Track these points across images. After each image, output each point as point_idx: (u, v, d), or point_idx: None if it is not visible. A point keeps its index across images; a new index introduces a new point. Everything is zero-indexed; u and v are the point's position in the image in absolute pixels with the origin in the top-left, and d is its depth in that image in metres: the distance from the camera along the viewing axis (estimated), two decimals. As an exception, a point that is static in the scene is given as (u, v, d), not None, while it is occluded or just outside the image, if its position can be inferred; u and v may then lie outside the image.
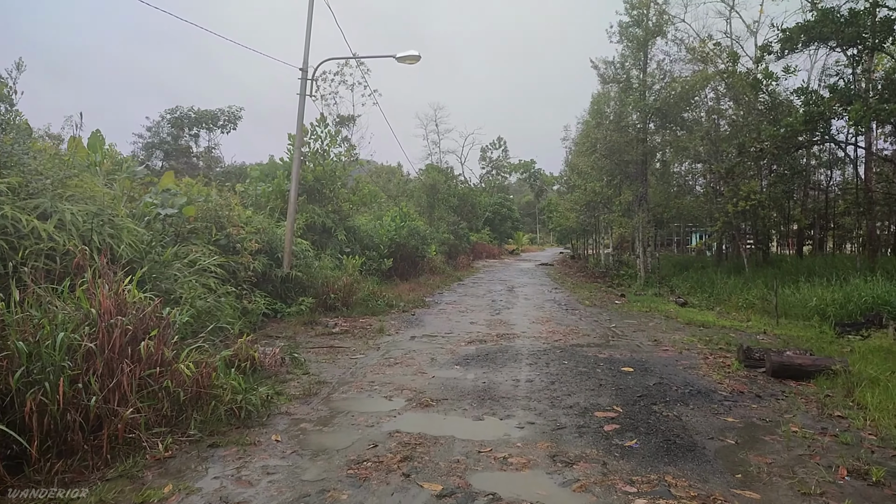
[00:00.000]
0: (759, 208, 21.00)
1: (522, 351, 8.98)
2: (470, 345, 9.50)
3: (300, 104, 12.73)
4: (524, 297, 18.01)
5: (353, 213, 19.75)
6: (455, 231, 36.54)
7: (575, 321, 12.70)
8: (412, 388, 6.52)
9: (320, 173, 17.62)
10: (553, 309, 14.93)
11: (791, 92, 20.46)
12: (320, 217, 17.13)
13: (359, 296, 13.93)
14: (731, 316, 14.62)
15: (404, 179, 38.28)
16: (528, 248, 69.40)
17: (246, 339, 7.45)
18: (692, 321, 12.85)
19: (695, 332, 11.40)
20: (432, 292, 18.68)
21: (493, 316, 13.23)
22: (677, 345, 9.77)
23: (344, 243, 17.83)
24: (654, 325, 12.38)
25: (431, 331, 11.00)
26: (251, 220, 13.26)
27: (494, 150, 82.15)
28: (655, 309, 15.27)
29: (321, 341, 9.74)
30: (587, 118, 31.89)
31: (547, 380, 7.02)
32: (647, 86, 23.19)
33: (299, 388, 6.48)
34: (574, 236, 42.96)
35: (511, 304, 15.67)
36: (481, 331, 11.02)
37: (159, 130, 36.39)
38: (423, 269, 23.46)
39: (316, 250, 16.36)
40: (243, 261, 11.67)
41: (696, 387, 6.84)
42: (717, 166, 21.73)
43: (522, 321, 12.46)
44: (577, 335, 10.74)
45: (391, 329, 11.09)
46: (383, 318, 12.60)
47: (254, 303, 10.97)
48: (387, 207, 24.83)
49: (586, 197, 26.48)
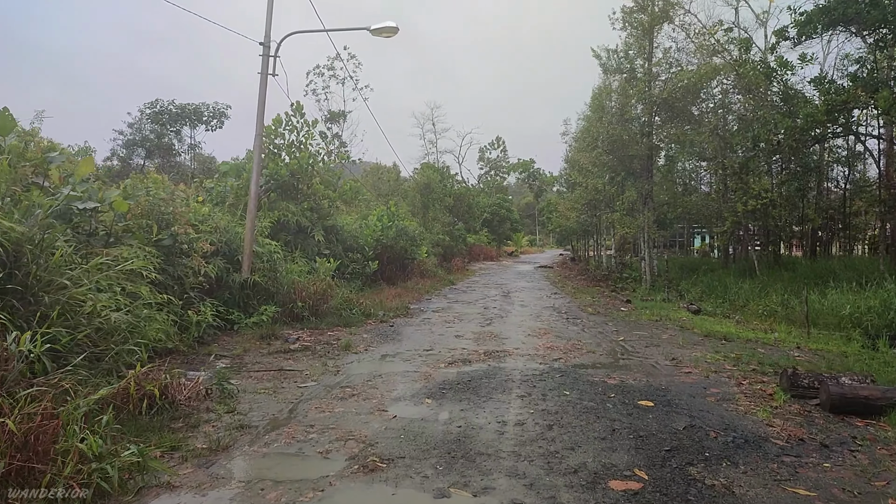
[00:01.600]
0: (770, 207, 19.50)
1: (514, 375, 7.32)
2: (450, 367, 7.84)
3: (261, 84, 11.09)
4: (520, 303, 16.35)
5: (335, 212, 18.11)
6: (450, 232, 34.90)
7: (577, 333, 11.05)
8: (361, 438, 4.86)
9: (295, 167, 15.98)
10: (552, 318, 13.28)
11: (808, 81, 18.91)
12: (294, 215, 15.48)
13: (331, 304, 12.28)
14: (752, 325, 12.98)
15: (395, 177, 36.57)
16: (527, 249, 67.79)
17: (155, 366, 5.82)
18: (711, 333, 11.20)
19: (717, 346, 9.76)
20: (420, 298, 17.03)
21: (484, 327, 11.57)
22: (701, 365, 8.13)
23: (322, 245, 16.19)
24: (669, 337, 10.73)
25: (408, 347, 9.33)
26: (208, 217, 11.63)
27: (493, 150, 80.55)
28: (667, 317, 13.63)
29: (271, 361, 8.08)
30: (588, 113, 30.34)
31: (543, 422, 5.36)
32: (653, 76, 21.54)
33: (210, 436, 4.82)
34: (574, 237, 41.33)
35: (505, 313, 14.01)
36: (467, 347, 9.35)
37: (141, 127, 34.61)
38: (412, 272, 21.81)
39: (288, 252, 14.75)
40: (193, 264, 10.04)
41: (741, 431, 5.18)
42: (730, 161, 20.09)
43: (517, 334, 10.80)
44: (580, 352, 9.08)
45: (360, 345, 9.41)
46: (355, 330, 10.95)
47: (201, 314, 9.34)
48: (376, 206, 23.20)
49: (587, 195, 24.83)
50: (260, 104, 11.15)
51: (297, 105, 16.48)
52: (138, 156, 34.34)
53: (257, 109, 11.17)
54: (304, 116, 16.59)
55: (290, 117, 16.47)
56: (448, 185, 38.54)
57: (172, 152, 35.42)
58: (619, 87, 23.39)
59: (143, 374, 5.25)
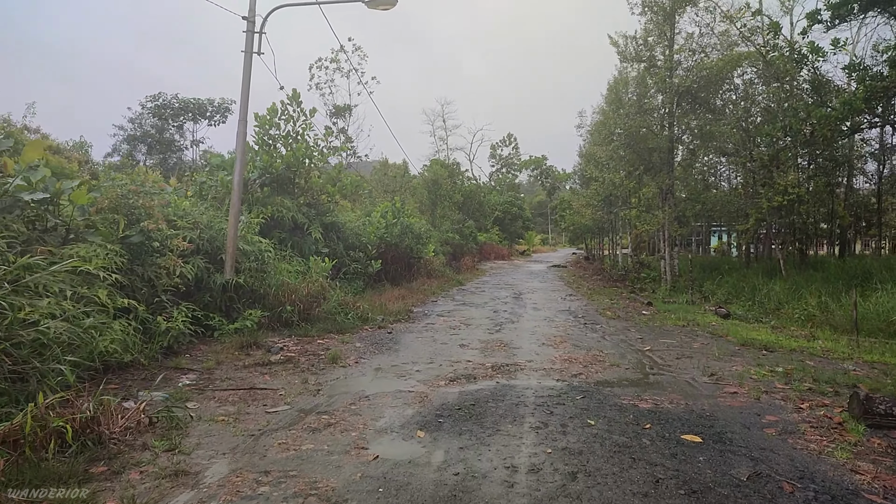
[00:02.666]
0: (797, 204, 18.22)
1: (526, 396, 6.16)
2: (452, 385, 6.69)
3: (245, 63, 10.00)
4: (533, 306, 15.16)
5: (335, 208, 17.02)
6: (460, 230, 33.74)
7: (597, 341, 9.85)
8: (327, 492, 3.71)
9: (291, 159, 14.90)
10: (568, 323, 12.09)
11: (842, 69, 17.54)
12: (289, 211, 14.40)
13: (325, 307, 11.18)
14: (790, 332, 11.73)
15: (401, 172, 35.41)
16: (539, 248, 66.46)
17: (82, 390, 4.73)
18: (748, 341, 9.96)
19: (758, 358, 8.53)
20: (424, 300, 15.89)
21: (493, 334, 10.40)
22: (746, 382, 6.91)
23: (320, 243, 15.11)
24: (701, 347, 9.51)
25: (405, 359, 8.18)
26: (189, 212, 10.58)
27: (505, 147, 79.38)
28: (694, 322, 12.39)
29: (245, 377, 6.97)
30: (603, 106, 29.03)
31: (564, 467, 4.18)
32: (675, 63, 20.20)
33: (128, 491, 3.70)
34: (588, 236, 39.97)
35: (517, 317, 12.83)
36: (473, 359, 8.19)
37: (142, 122, 33.67)
38: (419, 272, 20.67)
39: (282, 251, 13.69)
40: (167, 263, 8.99)
41: (821, 482, 3.98)
42: (758, 154, 18.75)
43: (529, 342, 9.63)
44: (602, 365, 7.89)
45: (350, 356, 8.26)
46: (349, 337, 9.82)
47: (172, 320, 8.27)
48: (381, 203, 22.08)
49: (604, 190, 23.52)
50: (244, 85, 10.06)
51: (294, 93, 15.38)
52: (140, 151, 33.53)
53: (241, 90, 10.07)
54: (300, 105, 15.50)
55: (286, 106, 15.37)
56: (458, 181, 37.38)
57: (174, 147, 34.49)
58: (638, 77, 22.08)
59: (59, 403, 4.13)
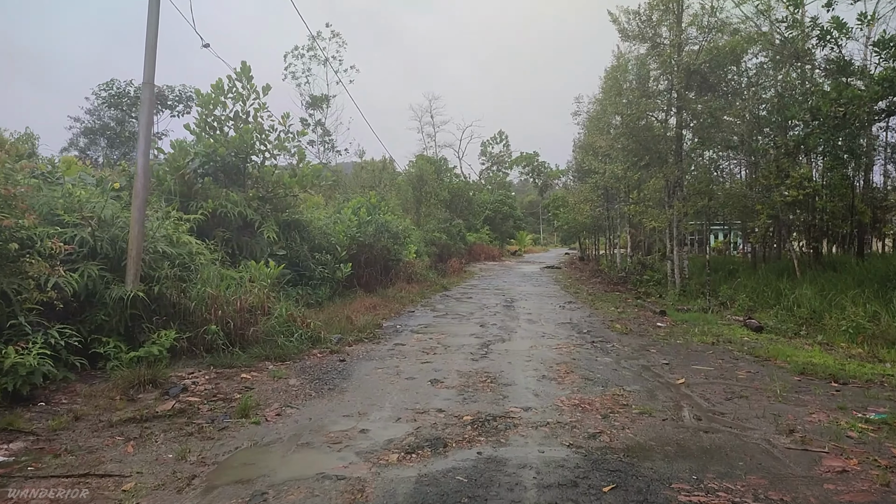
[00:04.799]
0: (814, 198, 16.31)
1: (523, 482, 3.81)
2: (409, 460, 4.33)
3: (150, 14, 7.60)
4: (527, 316, 12.85)
5: (296, 203, 14.63)
6: (447, 230, 31.38)
7: (612, 370, 7.55)
8: None
9: (239, 144, 12.51)
10: (572, 341, 9.78)
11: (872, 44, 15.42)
12: (236, 206, 12.01)
13: (265, 325, 8.80)
14: (844, 350, 9.54)
15: (380, 167, 32.96)
16: (531, 248, 64.24)
17: None
18: (806, 368, 7.69)
19: (834, 396, 6.29)
20: (400, 311, 13.53)
21: (476, 361, 8.05)
22: (846, 446, 4.64)
23: (276, 244, 12.74)
24: (748, 376, 7.24)
25: (350, 407, 5.80)
26: (85, 205, 8.20)
27: (495, 144, 77.26)
28: (724, 338, 10.16)
29: (97, 448, 4.58)
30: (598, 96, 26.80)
31: None
32: (683, 40, 17.99)
33: None
34: (584, 234, 37.72)
35: (508, 333, 10.51)
36: (446, 406, 5.84)
37: (101, 114, 30.94)
38: (397, 276, 18.29)
39: (227, 255, 11.35)
40: (35, 272, 6.62)
41: None
42: (782, 140, 16.57)
43: (525, 374, 7.30)
44: (628, 413, 5.58)
45: (272, 405, 5.85)
46: (285, 369, 7.43)
47: (23, 354, 5.87)
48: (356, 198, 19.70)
49: (605, 182, 21.24)
50: (150, 28, 7.64)
51: (244, 66, 12.98)
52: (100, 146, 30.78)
53: (146, 34, 7.65)
54: (252, 81, 13.11)
55: (235, 82, 12.98)
56: (445, 178, 35.05)
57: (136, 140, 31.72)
58: (640, 60, 19.84)
59: None
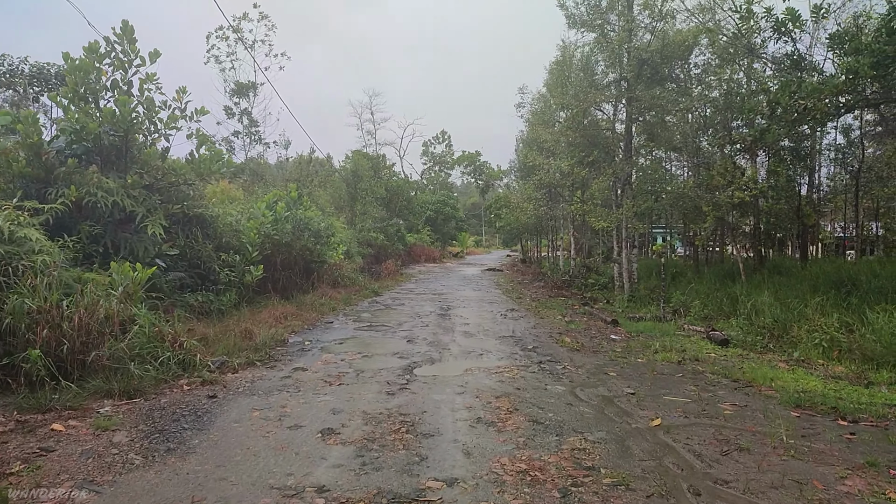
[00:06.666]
0: (757, 200, 15.82)
1: None
2: None
3: None
4: (464, 328, 11.07)
5: (195, 194, 12.34)
6: (385, 230, 29.38)
7: (567, 405, 5.84)
8: None
9: (116, 119, 10.17)
10: (515, 361, 8.04)
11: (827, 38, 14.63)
12: (111, 195, 9.66)
13: (114, 348, 6.61)
14: (824, 369, 8.29)
15: (307, 159, 30.59)
16: (473, 250, 63.05)
17: None
18: (801, 399, 6.24)
19: (850, 444, 4.80)
20: (315, 321, 11.47)
21: (393, 396, 6.15)
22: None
23: (164, 241, 10.45)
24: (736, 412, 5.70)
25: (184, 487, 3.79)
26: None
27: (438, 144, 75.69)
28: (689, 355, 8.74)
29: None
30: (543, 91, 25.52)
31: None
32: (634, 25, 16.78)
33: None
34: (526, 236, 36.51)
35: (439, 352, 8.67)
36: (333, 479, 3.91)
37: (-8, 96, 27.05)
38: (321, 280, 16.19)
39: (95, 254, 9.08)
40: None
41: None
42: (738, 136, 15.57)
43: (453, 415, 5.47)
44: (596, 485, 3.83)
45: (63, 484, 3.80)
46: (122, 415, 5.29)
47: None
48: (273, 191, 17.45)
49: (549, 179, 19.82)
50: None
51: (125, 26, 10.64)
52: (-11, 131, 26.76)
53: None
54: (135, 45, 10.78)
55: (114, 45, 10.62)
56: (382, 175, 33.02)
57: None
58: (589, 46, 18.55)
59: None
